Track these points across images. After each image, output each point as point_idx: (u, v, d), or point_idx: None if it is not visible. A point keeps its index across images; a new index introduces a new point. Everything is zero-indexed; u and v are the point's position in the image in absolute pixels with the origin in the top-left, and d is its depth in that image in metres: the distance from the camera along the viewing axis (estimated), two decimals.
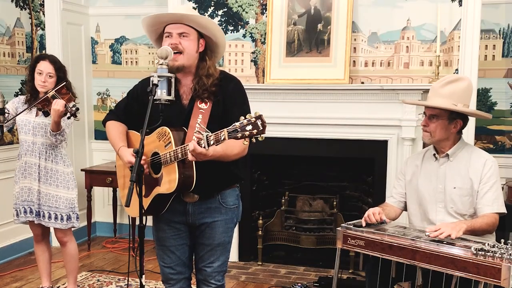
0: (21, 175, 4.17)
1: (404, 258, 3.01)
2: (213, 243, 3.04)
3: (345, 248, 3.34)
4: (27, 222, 4.26)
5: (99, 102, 6.32)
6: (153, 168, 2.92)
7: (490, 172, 3.26)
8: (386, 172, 4.85)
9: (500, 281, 2.66)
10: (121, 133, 3.11)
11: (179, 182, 2.76)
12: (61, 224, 4.16)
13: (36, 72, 4.06)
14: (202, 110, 2.89)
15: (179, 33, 2.90)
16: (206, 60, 2.97)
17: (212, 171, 2.84)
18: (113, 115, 3.20)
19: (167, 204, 2.92)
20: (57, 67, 4.10)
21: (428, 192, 3.40)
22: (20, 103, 4.18)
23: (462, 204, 3.29)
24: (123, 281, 4.88)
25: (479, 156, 3.34)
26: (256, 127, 2.43)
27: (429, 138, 3.35)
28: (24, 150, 4.15)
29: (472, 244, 2.88)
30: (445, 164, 3.37)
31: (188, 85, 2.97)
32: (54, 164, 4.15)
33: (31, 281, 4.92)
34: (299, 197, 5.62)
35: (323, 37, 4.96)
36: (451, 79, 3.32)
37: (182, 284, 3.17)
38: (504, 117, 5.15)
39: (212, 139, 2.53)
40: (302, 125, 4.99)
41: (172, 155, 2.75)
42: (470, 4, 4.52)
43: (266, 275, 5.10)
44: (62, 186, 4.16)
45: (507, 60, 5.12)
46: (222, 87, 2.95)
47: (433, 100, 3.31)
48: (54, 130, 3.97)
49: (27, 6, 5.91)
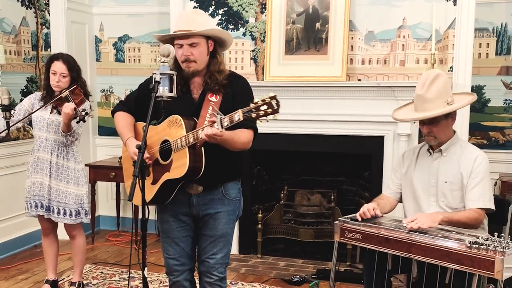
0: (33, 170, 4.17)
1: (400, 251, 3.01)
2: (216, 234, 3.05)
3: (342, 241, 3.34)
4: (37, 216, 4.26)
5: (103, 99, 6.30)
6: (162, 155, 2.93)
7: (479, 168, 3.24)
8: (383, 167, 4.84)
9: (494, 273, 2.66)
10: (129, 124, 3.13)
11: (189, 167, 2.77)
12: (69, 219, 4.15)
13: (51, 72, 4.07)
14: (212, 103, 2.92)
15: (189, 44, 2.92)
16: (217, 57, 3.03)
17: (217, 162, 2.87)
18: (123, 106, 3.22)
19: (173, 192, 2.93)
20: (70, 67, 4.09)
21: (421, 185, 3.40)
22: (36, 100, 4.19)
23: (453, 198, 3.29)
24: (126, 273, 4.88)
25: (470, 152, 3.33)
26: (271, 107, 2.54)
27: (434, 141, 3.34)
28: (37, 145, 4.15)
29: (466, 237, 2.88)
30: (438, 159, 3.37)
31: (198, 81, 3.01)
32: (66, 161, 4.15)
33: (37, 273, 4.92)
34: (298, 191, 5.61)
35: (321, 36, 4.95)
36: (430, 79, 3.26)
37: (185, 275, 3.17)
38: (498, 114, 5.15)
39: (226, 120, 2.61)
40: (301, 121, 4.98)
41: (184, 141, 2.77)
42: (465, 3, 4.51)
43: (265, 267, 5.10)
44: (72, 182, 4.16)
45: (500, 58, 5.12)
46: (232, 83, 3.00)
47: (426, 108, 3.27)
48: (65, 131, 3.98)
49: (32, 6, 5.89)
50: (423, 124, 3.34)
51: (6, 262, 5.20)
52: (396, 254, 3.07)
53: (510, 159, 5.10)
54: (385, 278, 3.26)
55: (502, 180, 4.85)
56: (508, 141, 5.16)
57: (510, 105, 5.12)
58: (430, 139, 3.35)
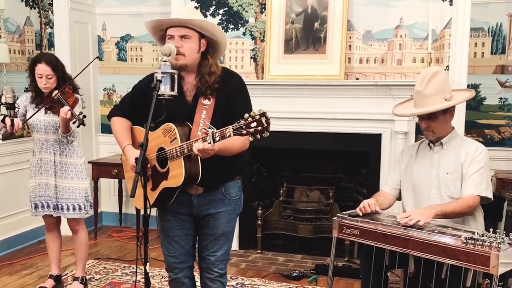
0: (37, 171, 4.17)
1: (397, 246, 3.01)
2: (216, 233, 3.03)
3: (340, 237, 3.34)
4: (44, 216, 4.26)
5: (105, 97, 6.30)
6: (160, 163, 2.90)
7: (479, 157, 3.26)
8: (380, 164, 4.84)
9: (489, 269, 2.66)
10: (126, 130, 3.08)
11: (185, 177, 2.75)
12: (79, 213, 4.18)
13: (36, 75, 4.04)
14: (206, 106, 2.87)
15: (181, 36, 2.86)
16: (208, 58, 2.94)
17: (216, 165, 2.82)
18: (118, 110, 3.15)
19: (173, 196, 2.91)
20: (54, 67, 4.04)
21: (422, 179, 3.40)
22: (27, 102, 4.17)
23: (455, 188, 3.28)
24: (128, 269, 4.88)
25: (470, 144, 3.35)
26: (261, 124, 2.43)
27: (433, 135, 3.35)
28: (38, 147, 4.15)
29: (462, 233, 2.88)
30: (439, 152, 3.37)
31: (191, 83, 2.94)
32: (69, 158, 4.16)
33: (40, 268, 4.92)
34: (297, 188, 5.60)
35: (320, 35, 4.94)
36: (429, 76, 3.28)
37: (185, 272, 3.16)
38: (493, 112, 5.15)
39: (217, 135, 2.54)
40: (300, 119, 4.99)
41: (178, 151, 2.74)
42: (460, 4, 4.51)
43: (265, 262, 5.10)
44: (77, 178, 4.17)
45: (495, 57, 5.12)
46: (224, 84, 2.93)
47: (425, 103, 3.28)
48: (64, 132, 3.99)
49: (36, 6, 5.88)
50: (421, 119, 3.35)
51: (11, 258, 5.20)
52: (393, 249, 3.06)
53: (505, 156, 5.11)
54: (382, 273, 3.26)
55: (497, 177, 4.86)
56: (503, 139, 5.16)
57: (505, 103, 5.12)
58: (428, 134, 3.36)
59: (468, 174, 3.24)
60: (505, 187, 4.70)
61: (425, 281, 3.16)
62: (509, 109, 5.13)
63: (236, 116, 2.50)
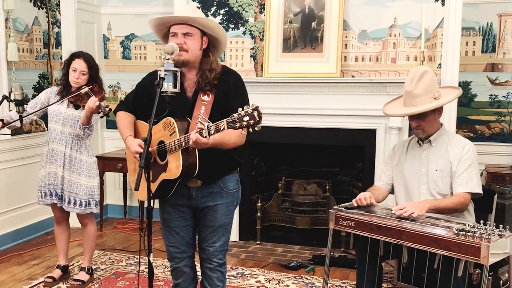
0: (48, 161, 4.16)
1: (392, 237, 3.02)
2: (215, 225, 3.03)
3: (337, 229, 3.34)
4: (51, 205, 4.25)
5: (111, 94, 6.29)
6: (160, 155, 2.91)
7: (467, 155, 3.25)
8: (375, 158, 4.83)
9: (480, 259, 2.67)
10: (129, 123, 3.09)
11: (183, 169, 2.75)
12: (79, 209, 4.15)
13: (71, 68, 4.06)
14: (205, 102, 2.87)
15: (184, 33, 2.87)
16: (209, 55, 2.95)
17: (213, 159, 2.83)
18: (123, 105, 3.18)
19: (172, 188, 2.92)
20: (90, 66, 4.10)
21: (412, 175, 3.40)
22: (52, 94, 4.18)
23: (444, 185, 3.29)
24: (132, 259, 4.88)
25: (458, 141, 3.35)
26: (253, 118, 2.43)
27: (423, 134, 3.34)
28: (52, 137, 4.14)
29: (454, 225, 2.88)
30: (428, 149, 3.37)
31: (192, 79, 2.95)
32: (79, 154, 4.14)
33: (48, 259, 4.92)
34: (295, 181, 5.60)
35: (317, 34, 4.93)
36: (418, 75, 3.27)
37: (186, 262, 3.16)
38: (483, 108, 5.16)
39: (212, 128, 2.55)
40: (298, 115, 4.98)
41: (177, 144, 2.74)
42: (452, 4, 4.51)
43: (264, 253, 5.09)
44: (84, 175, 4.15)
45: (486, 56, 5.12)
46: (223, 81, 2.93)
47: (414, 103, 3.27)
48: (85, 124, 3.98)
49: (44, 6, 5.86)
50: (412, 119, 3.34)
51: (20, 248, 5.20)
52: (387, 240, 3.07)
53: (495, 151, 5.11)
54: (377, 263, 3.26)
55: (487, 171, 4.86)
56: (493, 134, 5.16)
57: (495, 100, 5.12)
58: (418, 132, 3.36)
59: (458, 173, 3.24)
60: (495, 181, 4.70)
61: (418, 271, 3.17)
62: (499, 106, 5.13)
63: (233, 112, 2.49)
